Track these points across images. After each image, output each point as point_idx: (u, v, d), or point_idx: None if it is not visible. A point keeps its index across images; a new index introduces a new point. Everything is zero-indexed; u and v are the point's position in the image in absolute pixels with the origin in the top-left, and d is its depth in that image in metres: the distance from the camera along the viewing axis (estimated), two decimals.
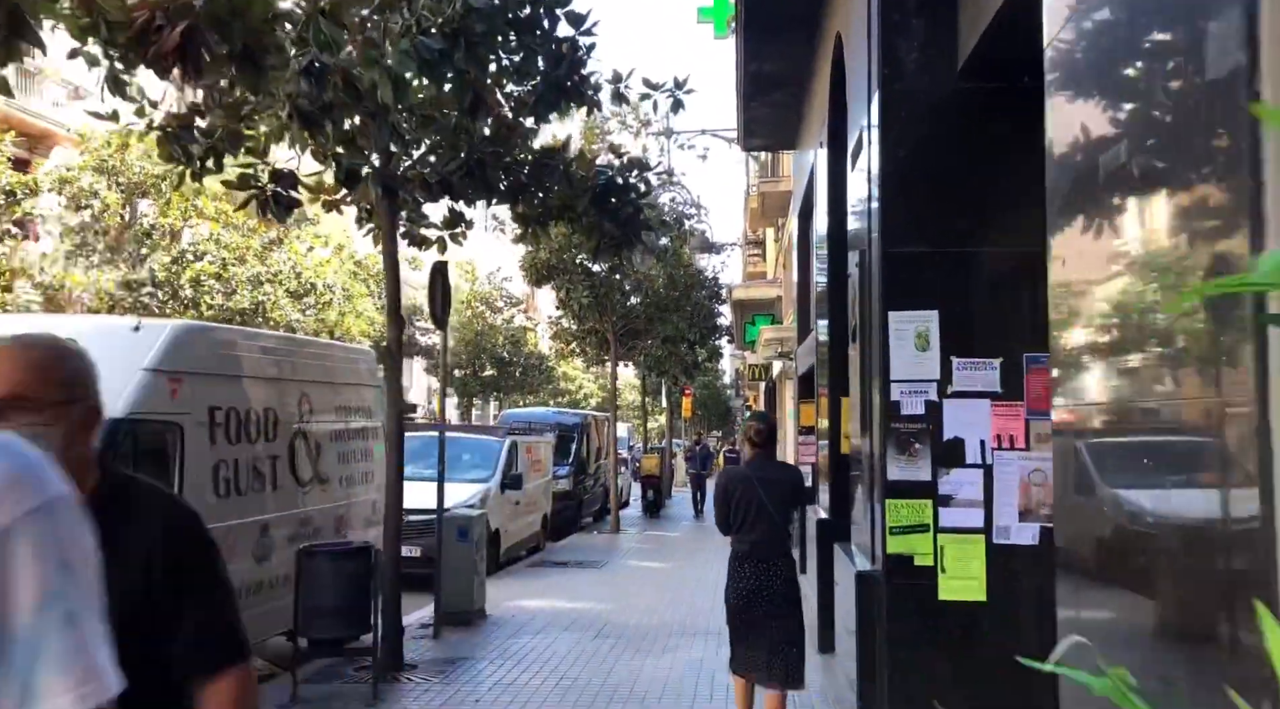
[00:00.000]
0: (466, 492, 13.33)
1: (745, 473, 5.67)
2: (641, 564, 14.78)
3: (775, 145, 12.89)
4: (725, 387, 65.61)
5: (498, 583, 12.41)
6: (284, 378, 8.14)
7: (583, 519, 21.69)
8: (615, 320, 19.71)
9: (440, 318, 9.39)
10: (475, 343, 41.76)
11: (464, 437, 14.96)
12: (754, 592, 5.48)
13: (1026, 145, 5.43)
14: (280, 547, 7.74)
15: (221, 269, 22.15)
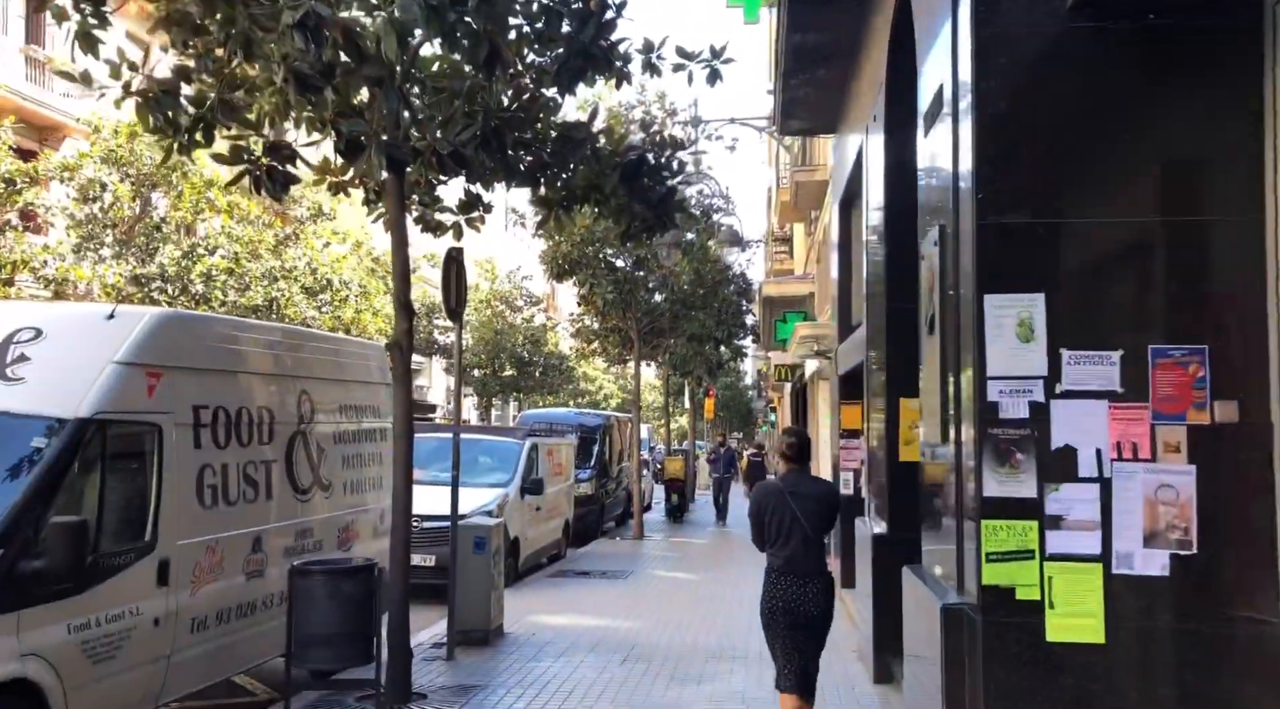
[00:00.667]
0: (483, 497, 12.55)
1: (779, 488, 5.62)
2: (669, 575, 13.94)
3: (815, 129, 12.03)
4: (747, 388, 64.79)
5: (517, 595, 11.61)
6: (282, 373, 7.36)
7: (605, 524, 20.88)
8: (639, 317, 18.89)
9: (454, 309, 8.60)
10: (494, 342, 41.18)
11: (481, 438, 14.18)
12: (789, 607, 5.49)
13: (1154, 95, 4.59)
14: (276, 561, 6.96)
15: (234, 263, 21.48)
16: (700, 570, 14.45)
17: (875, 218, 8.13)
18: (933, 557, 5.39)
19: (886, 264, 7.54)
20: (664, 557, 16.20)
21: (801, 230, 23.95)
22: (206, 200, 20.91)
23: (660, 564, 15.20)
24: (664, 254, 17.24)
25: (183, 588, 5.95)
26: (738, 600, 11.58)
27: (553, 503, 15.06)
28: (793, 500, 5.54)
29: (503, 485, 12.98)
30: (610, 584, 12.90)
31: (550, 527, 14.94)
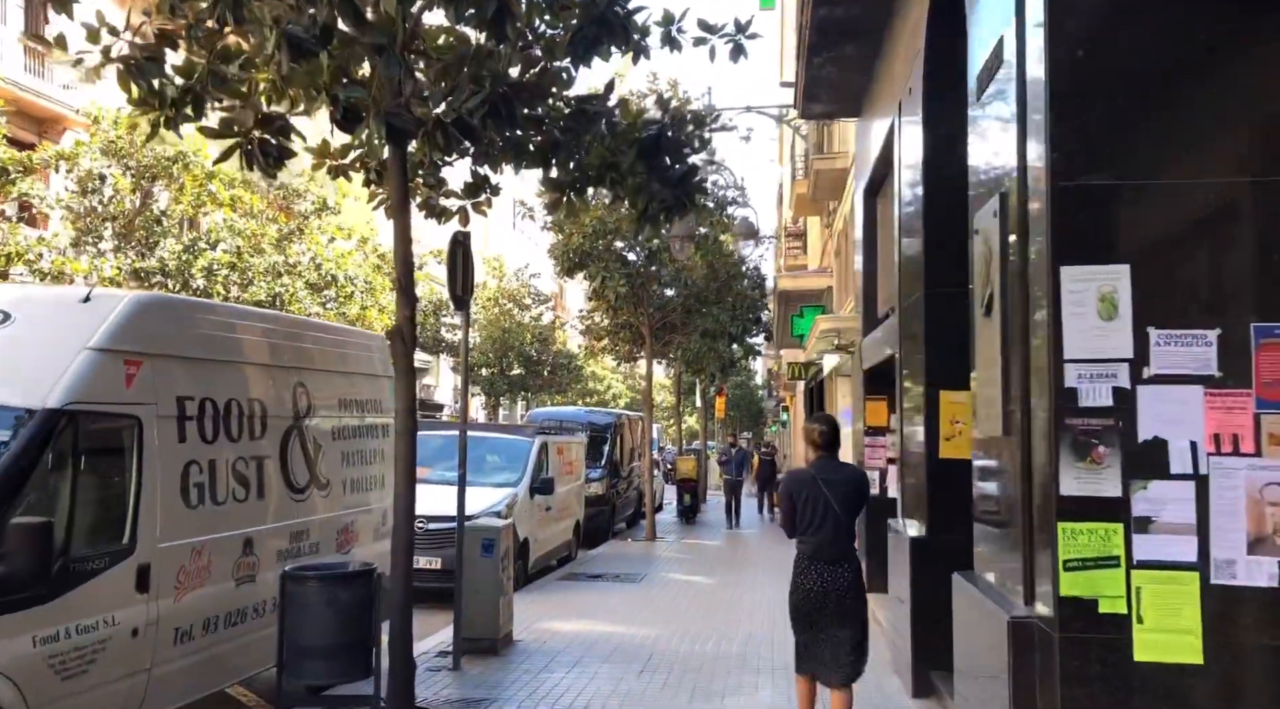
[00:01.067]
0: (492, 497, 12.06)
1: (811, 475, 5.72)
2: (684, 578, 13.43)
3: (838, 112, 11.50)
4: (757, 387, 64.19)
5: (526, 599, 11.11)
6: (277, 364, 6.87)
7: (616, 525, 20.38)
8: (651, 312, 18.37)
9: (461, 297, 8.10)
10: (502, 341, 40.76)
11: (490, 436, 13.69)
12: (821, 592, 5.55)
13: (1259, 38, 4.06)
14: (268, 565, 6.47)
15: (237, 258, 21.04)
16: (717, 573, 13.93)
17: (910, 197, 7.61)
18: (989, 563, 4.86)
19: (925, 246, 7.03)
20: (678, 559, 15.69)
21: (817, 224, 23.42)
22: (208, 193, 20.48)
23: (675, 567, 14.69)
24: (677, 247, 16.73)
25: (165, 595, 5.45)
26: (758, 606, 11.06)
27: (563, 503, 14.57)
28: (825, 487, 5.63)
29: (512, 485, 12.48)
30: (624, 588, 12.39)
31: (561, 528, 14.44)
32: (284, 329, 7.07)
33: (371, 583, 5.63)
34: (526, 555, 12.57)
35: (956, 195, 6.84)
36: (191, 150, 19.88)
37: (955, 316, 6.84)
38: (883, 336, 10.15)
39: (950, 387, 6.88)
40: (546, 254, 18.13)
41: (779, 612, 10.61)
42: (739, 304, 18.59)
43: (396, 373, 6.65)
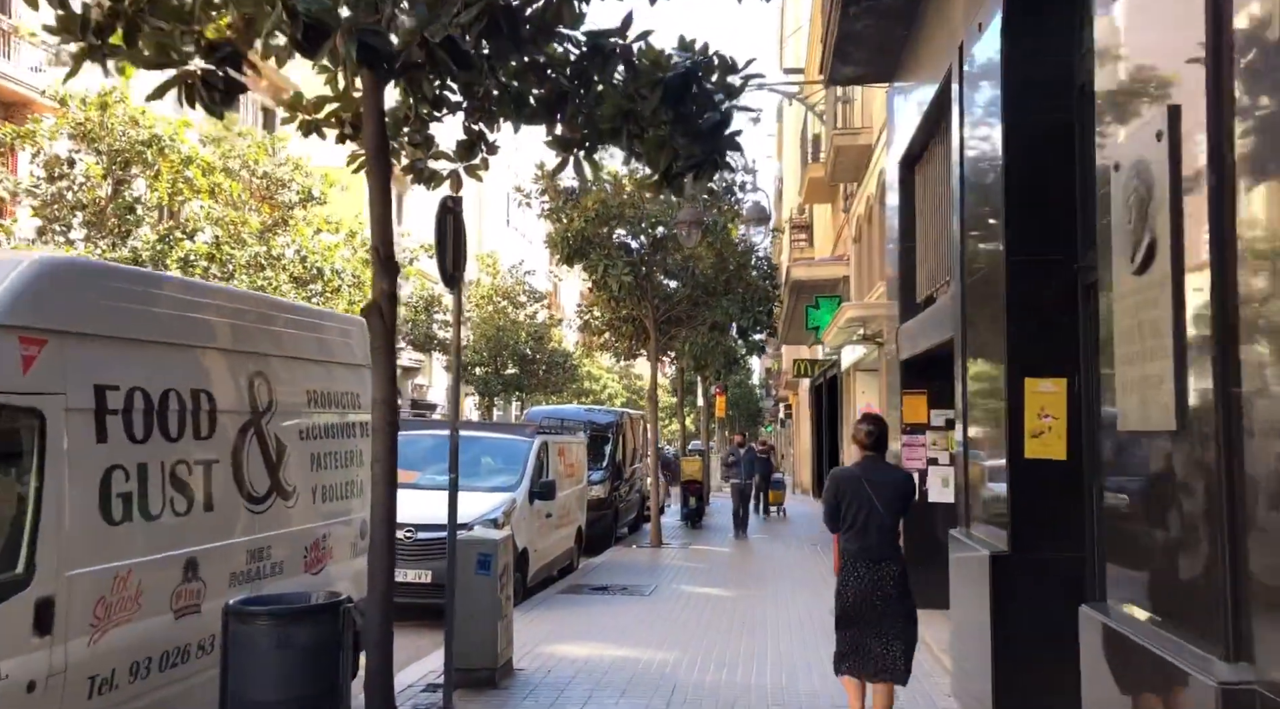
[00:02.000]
0: (487, 503, 10.91)
1: (856, 474, 5.78)
2: (699, 590, 12.29)
3: (870, 75, 10.39)
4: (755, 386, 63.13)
5: (527, 618, 9.97)
6: (231, 348, 5.72)
7: (619, 530, 19.23)
8: (656, 305, 17.23)
9: (452, 274, 6.95)
10: (496, 339, 39.68)
11: (485, 436, 12.54)
12: (867, 591, 5.58)
13: None
14: (218, 591, 5.31)
15: (216, 249, 19.86)
16: (733, 585, 12.79)
17: (982, 154, 6.48)
18: (1148, 598, 3.72)
19: (1007, 207, 5.89)
20: (688, 568, 14.55)
21: (826, 212, 22.31)
22: (185, 180, 19.29)
23: (686, 577, 13.55)
24: (684, 234, 15.60)
25: (76, 635, 4.30)
26: (787, 624, 9.92)
27: (565, 508, 13.42)
28: (869, 487, 5.66)
29: (510, 489, 11.33)
30: (633, 602, 11.25)
31: (562, 535, 13.30)
32: (241, 306, 5.90)
33: (339, 619, 4.47)
34: (525, 567, 11.42)
35: (1050, 145, 5.72)
36: (167, 134, 18.71)
37: (1046, 290, 5.73)
38: (927, 323, 9.03)
39: (1038, 373, 5.76)
40: (544, 243, 16.98)
41: (813, 631, 9.48)
42: (749, 295, 17.45)
43: (374, 357, 5.51)
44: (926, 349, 9.09)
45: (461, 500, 10.92)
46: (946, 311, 7.78)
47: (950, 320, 7.51)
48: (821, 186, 19.13)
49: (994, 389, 6.20)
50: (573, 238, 16.07)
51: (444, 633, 6.96)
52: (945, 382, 10.10)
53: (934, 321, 8.54)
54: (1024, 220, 5.82)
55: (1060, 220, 5.71)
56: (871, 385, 15.61)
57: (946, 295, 8.03)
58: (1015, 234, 5.85)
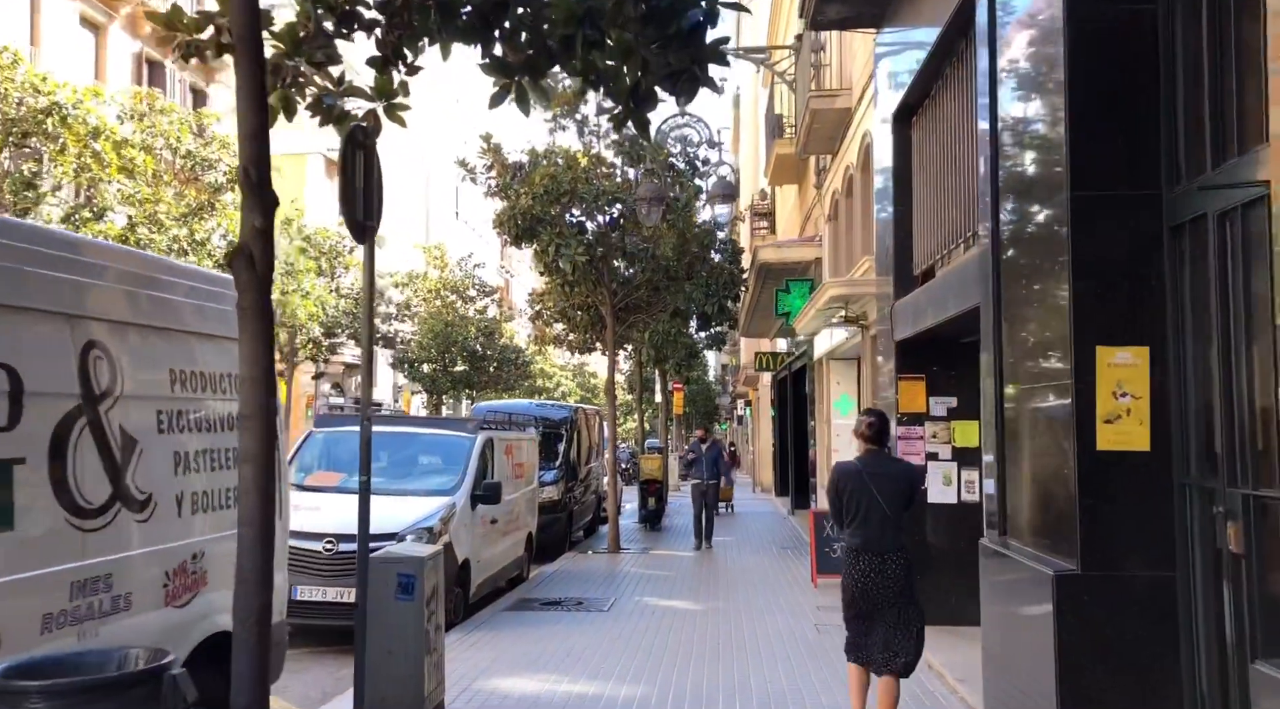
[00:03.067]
0: (422, 509, 9.48)
1: (857, 468, 5.70)
2: (664, 604, 10.94)
3: (858, 19, 9.10)
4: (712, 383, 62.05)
5: (466, 642, 8.56)
6: (43, 308, 4.24)
7: (574, 534, 17.83)
8: (614, 290, 15.85)
9: (361, 223, 5.53)
10: (444, 334, 38.11)
11: (421, 432, 11.07)
12: (870, 585, 5.54)
13: None
14: (24, 638, 3.85)
15: (129, 231, 18.12)
16: (702, 597, 11.46)
17: (1029, 68, 5.20)
18: None
19: (1072, 124, 4.60)
20: (649, 576, 13.20)
21: (791, 196, 21.09)
22: (93, 154, 17.52)
23: (647, 587, 12.20)
24: (643, 212, 14.25)
25: None
26: (769, 646, 8.61)
27: (513, 513, 12.00)
28: (871, 481, 5.61)
29: (448, 493, 9.88)
30: (590, 620, 9.87)
31: (510, 543, 11.87)
32: (59, 253, 4.40)
33: (162, 692, 3.01)
34: (467, 582, 10.00)
35: (1128, 46, 4.45)
36: (69, 102, 16.95)
37: (1123, 233, 4.45)
38: (931, 296, 7.77)
39: (1112, 340, 4.48)
40: (492, 224, 15.50)
41: (799, 652, 8.19)
42: (714, 280, 16.14)
43: (242, 317, 4.06)
44: (929, 327, 7.84)
45: (392, 506, 9.52)
46: (967, 276, 6.51)
47: (975, 284, 6.23)
48: (790, 164, 17.87)
49: (1048, 363, 4.92)
50: (521, 217, 14.63)
51: (354, 675, 5.55)
52: (947, 365, 8.86)
53: (943, 292, 7.28)
54: (1094, 146, 4.55)
55: (1143, 143, 4.44)
56: (848, 375, 14.40)
57: (965, 259, 6.77)
58: (1082, 164, 4.58)
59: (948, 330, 8.05)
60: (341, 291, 28.05)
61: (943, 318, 7.22)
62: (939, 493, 8.79)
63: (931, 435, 8.83)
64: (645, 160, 14.99)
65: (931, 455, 8.81)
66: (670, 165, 15.50)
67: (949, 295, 7.01)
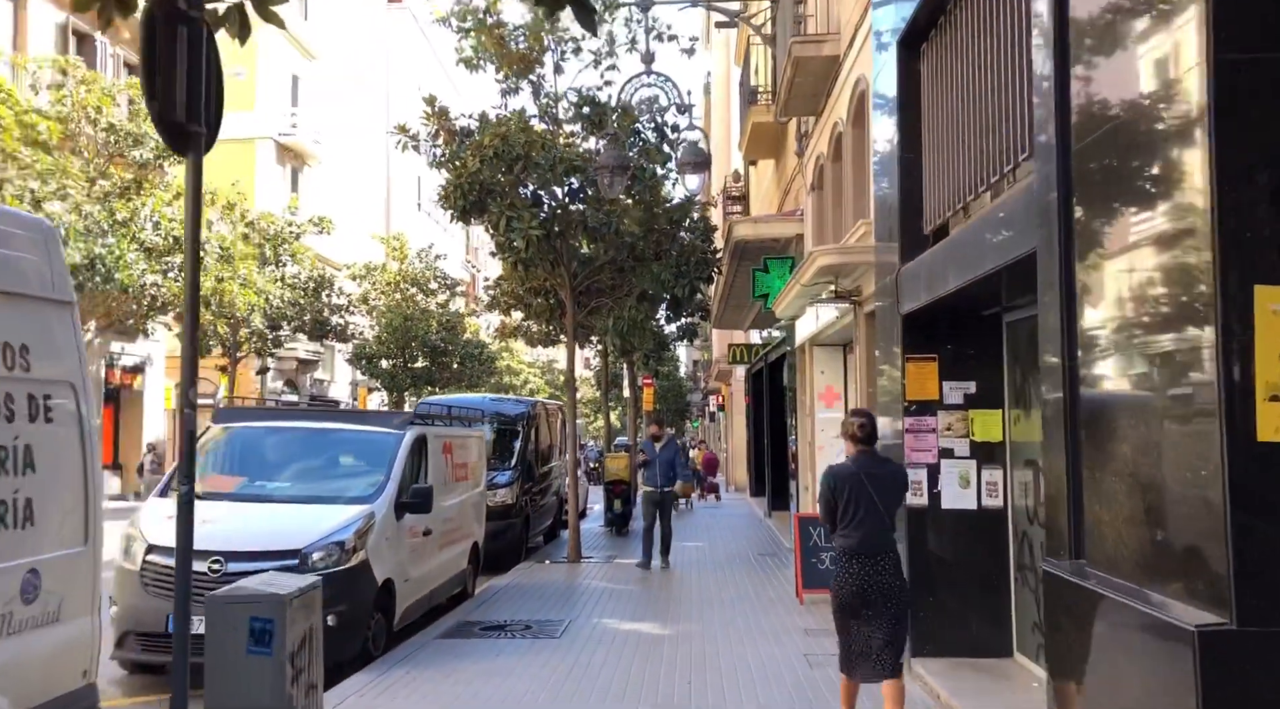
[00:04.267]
0: (332, 520, 7.87)
1: (852, 469, 5.63)
2: (626, 627, 9.37)
3: None
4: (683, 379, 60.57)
5: (378, 687, 6.97)
6: None
7: (532, 539, 16.23)
8: (573, 268, 14.26)
9: (181, 127, 3.91)
10: (404, 329, 36.37)
11: (339, 428, 9.39)
12: (863, 586, 5.51)
13: None
14: None
15: (33, 207, 16.32)
16: (671, 617, 9.91)
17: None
18: None
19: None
20: (613, 591, 11.63)
21: (768, 172, 19.59)
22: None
23: (609, 605, 10.64)
24: (604, 182, 12.67)
25: None
26: (752, 685, 7.06)
27: (453, 522, 10.39)
28: (868, 482, 5.55)
29: (366, 500, 8.25)
30: (538, 650, 8.30)
31: (449, 557, 10.26)
32: None
33: None
34: (390, 607, 8.39)
35: None
36: None
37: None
38: (951, 254, 6.26)
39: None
40: (437, 197, 13.84)
41: (784, 690, 6.66)
42: (684, 259, 14.59)
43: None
44: (949, 293, 6.33)
45: (296, 517, 7.86)
46: (1011, 218, 4.99)
47: (1024, 227, 4.71)
48: (767, 134, 16.36)
49: (1165, 317, 3.40)
50: (468, 185, 13.00)
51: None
52: (963, 343, 7.35)
53: (971, 246, 5.77)
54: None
55: None
56: (833, 363, 12.92)
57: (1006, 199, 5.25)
58: (1229, 14, 3.05)
59: (966, 299, 6.57)
60: (288, 281, 26.27)
61: (970, 278, 5.71)
62: (955, 497, 7.29)
63: (945, 428, 7.32)
64: (608, 124, 13.42)
65: (945, 452, 7.32)
66: (636, 131, 13.93)
67: (982, 248, 5.49)
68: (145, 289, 18.51)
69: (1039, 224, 4.47)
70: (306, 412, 10.40)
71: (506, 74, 14.16)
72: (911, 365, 7.37)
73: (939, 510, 7.30)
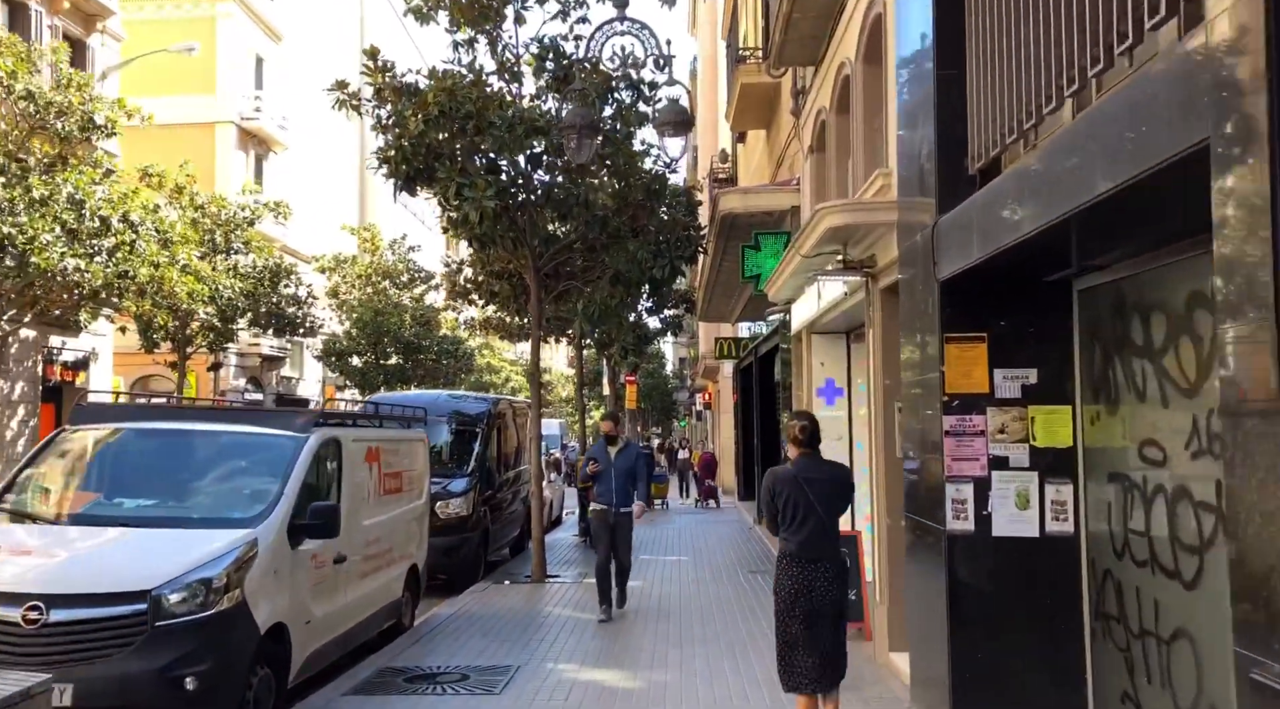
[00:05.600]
0: (198, 550, 6.05)
1: (791, 473, 5.62)
2: (586, 676, 7.57)
3: None
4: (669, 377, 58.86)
5: None
6: None
7: (494, 553, 14.44)
8: (537, 249, 12.46)
9: None
10: (375, 324, 34.60)
11: (219, 430, 7.49)
12: (802, 591, 5.43)
13: None
14: None
15: None
16: (646, 662, 8.12)
17: None
18: None
19: None
20: (577, 622, 9.84)
21: (758, 147, 17.83)
22: None
23: (571, 642, 8.84)
24: (570, 145, 10.86)
25: None
26: None
27: (381, 545, 8.59)
28: (806, 486, 5.53)
29: (247, 523, 6.42)
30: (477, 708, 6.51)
31: (375, 587, 8.46)
32: None
33: None
34: (284, 658, 6.56)
35: None
36: None
37: None
38: (1025, 186, 4.49)
39: None
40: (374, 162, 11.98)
41: None
42: (665, 235, 12.79)
43: None
44: (1013, 244, 4.56)
45: (152, 546, 6.05)
46: (1151, 101, 3.20)
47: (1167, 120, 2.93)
48: (758, 98, 14.58)
49: None
50: (411, 149, 11.17)
51: None
52: (1022, 319, 5.59)
53: (1069, 165, 3.98)
54: None
55: None
56: (835, 353, 11.15)
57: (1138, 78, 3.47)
58: None
59: (1026, 258, 4.83)
60: (240, 271, 24.32)
61: (1065, 212, 3.92)
62: (1010, 521, 5.53)
63: (997, 430, 5.56)
64: (575, 79, 11.62)
65: (997, 461, 5.56)
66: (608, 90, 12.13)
67: (1086, 164, 3.71)
68: (63, 276, 16.61)
69: (1215, 104, 2.70)
70: (188, 410, 8.55)
71: (460, 25, 12.34)
72: (953, 348, 5.61)
73: (989, 538, 5.54)
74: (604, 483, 10.14)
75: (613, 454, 10.19)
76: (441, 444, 13.94)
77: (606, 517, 10.14)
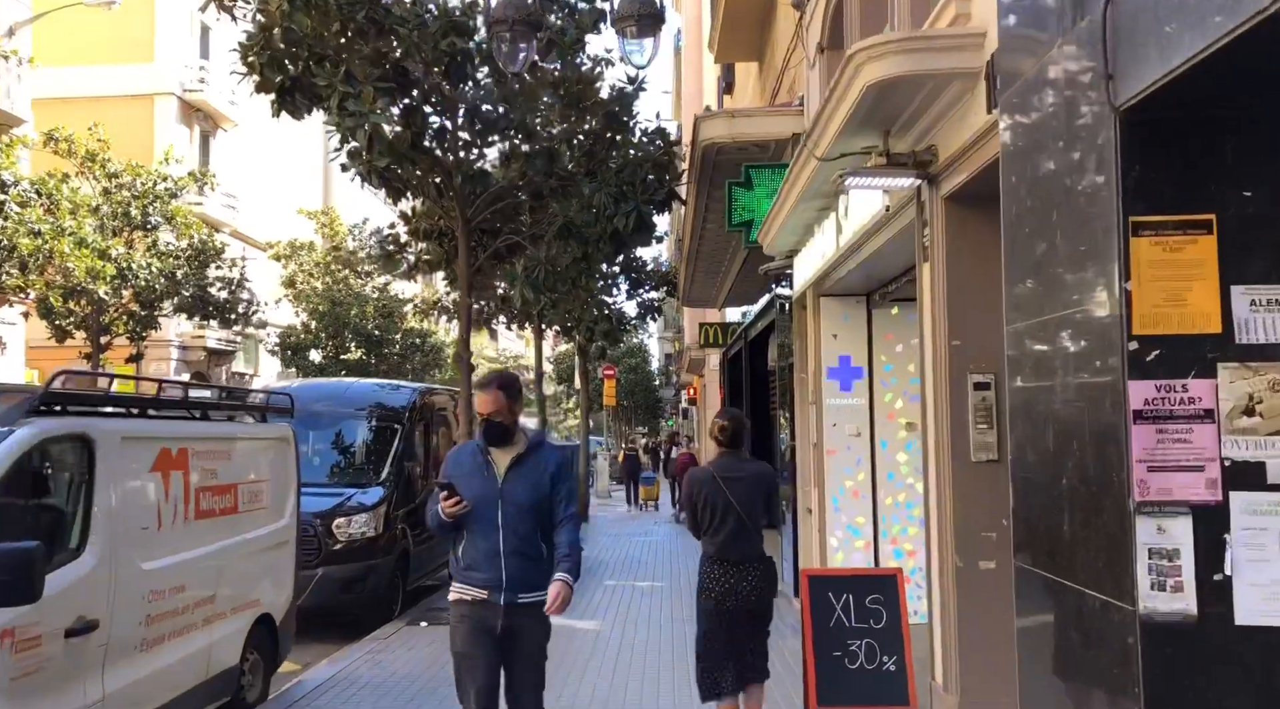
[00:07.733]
0: None
1: (709, 473, 5.46)
2: None
3: None
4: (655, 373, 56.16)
5: None
6: None
7: (416, 580, 11.56)
8: (462, 188, 9.59)
9: None
10: (334, 315, 31.83)
11: None
12: (725, 593, 5.29)
13: None
14: None
15: None
16: None
17: None
18: None
19: None
20: None
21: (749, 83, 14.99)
22: None
23: None
24: (500, 50, 7.96)
25: None
26: None
27: (187, 597, 5.71)
28: (724, 485, 5.34)
29: None
30: None
31: (178, 659, 5.57)
32: None
33: None
34: None
35: None
36: None
37: None
38: None
39: None
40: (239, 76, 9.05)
41: None
42: (630, 173, 9.92)
43: None
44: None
45: None
46: None
47: None
48: (747, 16, 11.76)
49: None
50: (281, 48, 8.27)
51: None
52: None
53: None
54: None
55: None
56: (852, 321, 8.35)
57: None
58: None
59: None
60: (161, 249, 21.35)
61: None
62: (1273, 595, 2.71)
63: (1243, 410, 2.74)
64: None
65: (1243, 472, 2.73)
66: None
67: None
68: None
69: None
70: None
71: None
72: (1147, 245, 2.79)
73: (1228, 628, 2.73)
74: (480, 535, 4.28)
75: (500, 468, 4.32)
76: (351, 445, 11.11)
77: (483, 618, 4.26)
